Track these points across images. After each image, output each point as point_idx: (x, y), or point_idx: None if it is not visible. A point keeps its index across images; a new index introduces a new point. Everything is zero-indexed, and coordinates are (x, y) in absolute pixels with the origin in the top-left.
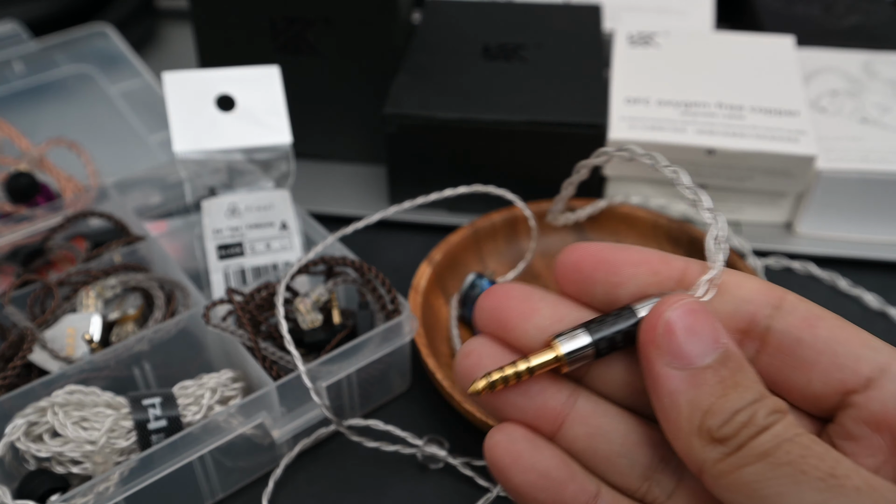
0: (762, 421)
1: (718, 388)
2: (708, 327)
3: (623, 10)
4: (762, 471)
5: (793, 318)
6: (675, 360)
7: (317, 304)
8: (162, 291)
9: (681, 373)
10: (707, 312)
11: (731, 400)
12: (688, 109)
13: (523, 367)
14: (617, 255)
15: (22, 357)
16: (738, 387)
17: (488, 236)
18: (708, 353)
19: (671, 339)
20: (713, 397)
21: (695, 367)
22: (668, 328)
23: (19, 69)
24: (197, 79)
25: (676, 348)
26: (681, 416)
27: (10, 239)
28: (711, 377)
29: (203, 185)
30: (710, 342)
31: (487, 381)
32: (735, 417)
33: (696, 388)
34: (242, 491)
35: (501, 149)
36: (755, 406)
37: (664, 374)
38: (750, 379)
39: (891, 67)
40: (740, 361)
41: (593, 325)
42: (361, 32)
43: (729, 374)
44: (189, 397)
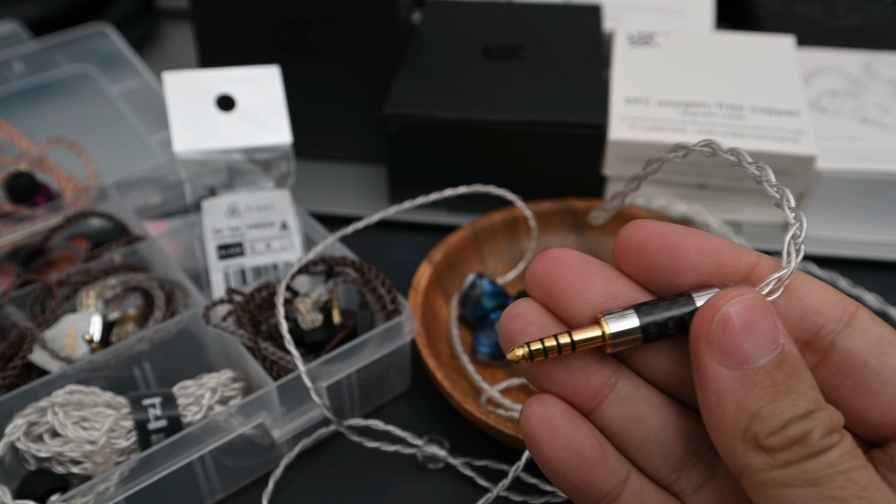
0: (817, 442)
1: (770, 392)
2: (766, 326)
3: (623, 10)
4: (809, 497)
5: (862, 340)
6: (726, 358)
7: (317, 304)
8: (162, 291)
9: (731, 372)
10: (768, 310)
11: (783, 407)
12: (688, 109)
13: (566, 342)
14: (685, 240)
15: (22, 357)
16: (791, 393)
17: (488, 236)
18: (763, 353)
19: (725, 335)
20: (763, 401)
21: (747, 368)
22: (724, 324)
23: (19, 69)
24: (197, 79)
25: (730, 346)
26: (726, 416)
27: (10, 239)
28: (764, 380)
29: (203, 185)
30: (768, 342)
31: (526, 350)
32: (786, 429)
33: (745, 389)
34: (242, 491)
35: (501, 149)
36: (810, 420)
37: (713, 371)
38: (806, 386)
39: (891, 67)
40: (797, 366)
41: (645, 309)
42: (361, 32)
43: (783, 378)
44: (189, 397)
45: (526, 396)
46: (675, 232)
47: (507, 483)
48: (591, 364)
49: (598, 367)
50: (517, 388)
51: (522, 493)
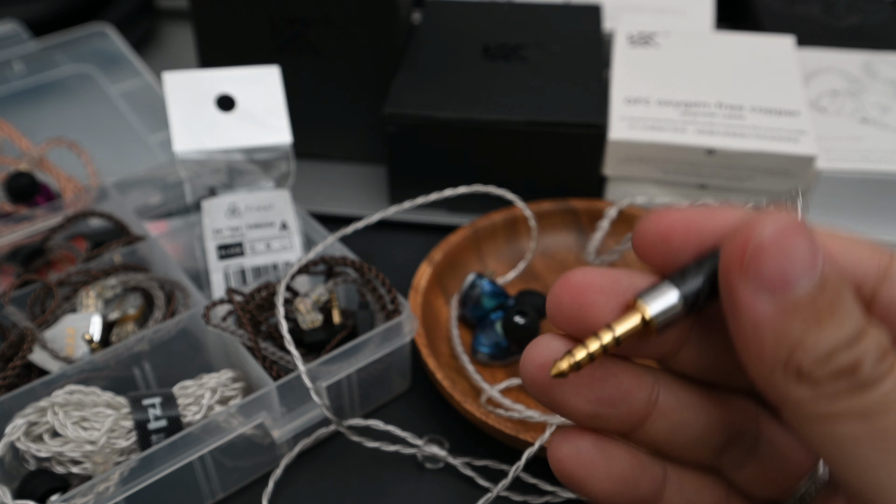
0: (870, 371)
1: (813, 318)
2: (804, 248)
3: (623, 10)
4: (861, 433)
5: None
6: (763, 286)
7: (317, 304)
8: (162, 291)
9: (769, 301)
10: (804, 230)
11: (828, 333)
12: (688, 109)
13: (609, 339)
14: (710, 220)
15: (22, 357)
16: (835, 316)
17: (488, 236)
18: (803, 277)
19: (761, 261)
20: (806, 328)
21: (786, 295)
22: (758, 249)
23: (19, 69)
24: (197, 79)
25: (766, 272)
26: (765, 348)
27: (10, 239)
28: (805, 306)
29: (203, 185)
30: (807, 265)
31: (571, 360)
32: (833, 358)
33: (785, 318)
34: (242, 491)
35: (501, 149)
36: (858, 346)
37: (749, 302)
38: (850, 307)
39: (891, 67)
40: (840, 287)
41: (678, 277)
42: (361, 32)
43: (826, 301)
44: (189, 397)
45: (526, 397)
46: (697, 214)
47: (507, 483)
48: (632, 386)
49: (638, 385)
50: (517, 388)
51: (522, 493)
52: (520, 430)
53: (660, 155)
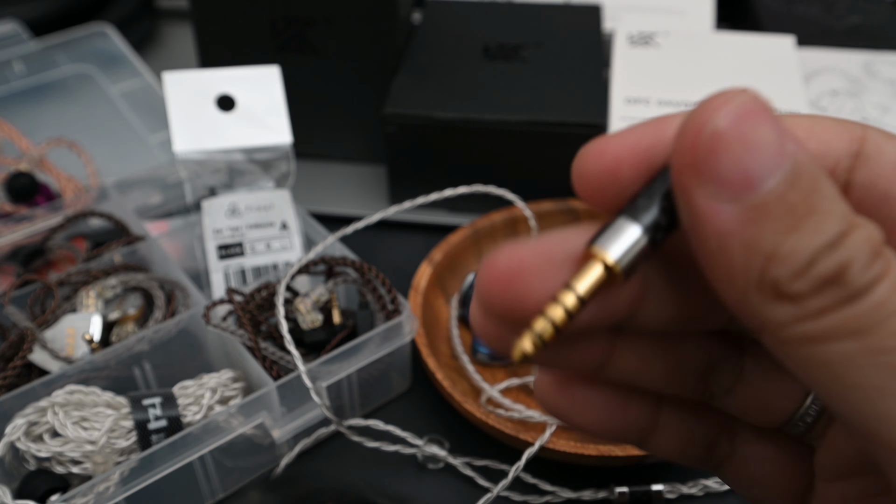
0: (859, 275)
1: (786, 220)
2: (769, 133)
3: (623, 10)
4: (855, 352)
5: (878, 167)
6: (723, 188)
7: (317, 304)
8: (162, 291)
9: (733, 206)
10: (767, 113)
11: (806, 236)
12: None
13: (572, 301)
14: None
15: (22, 357)
16: (814, 214)
17: (488, 236)
18: (771, 171)
19: (717, 156)
20: (779, 234)
21: (752, 196)
22: (714, 142)
23: (19, 69)
24: (197, 79)
25: (725, 169)
26: (734, 264)
27: (10, 239)
28: (777, 206)
29: (203, 185)
30: (774, 155)
31: (533, 335)
32: (815, 266)
33: (754, 224)
34: (242, 491)
35: (501, 149)
36: (844, 247)
37: (709, 209)
38: (831, 200)
39: (891, 67)
40: (816, 178)
41: (629, 209)
42: (361, 32)
43: (801, 197)
44: (189, 397)
45: (526, 397)
46: (644, 133)
47: (507, 483)
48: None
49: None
50: (517, 388)
51: (522, 493)
52: (520, 430)
53: None
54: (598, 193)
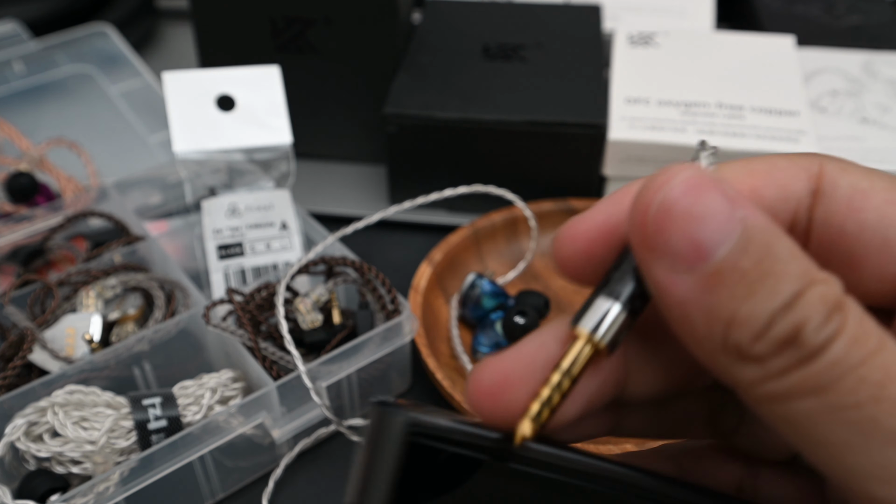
0: (813, 335)
1: (741, 286)
2: (715, 203)
3: (623, 10)
4: (816, 410)
5: (833, 203)
6: (677, 260)
7: (317, 304)
8: (162, 291)
9: (689, 276)
10: (711, 182)
11: (761, 299)
12: (688, 109)
13: (564, 380)
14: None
15: (22, 357)
16: (768, 278)
17: (488, 236)
18: (721, 240)
19: (667, 232)
20: (736, 300)
21: (706, 266)
22: (661, 217)
23: (19, 69)
24: (197, 79)
25: (676, 244)
26: (697, 331)
27: (10, 239)
28: (730, 273)
29: (203, 185)
30: (723, 224)
31: (530, 417)
32: (772, 329)
33: (711, 292)
34: (242, 491)
35: (501, 149)
36: (799, 307)
37: (667, 281)
38: (785, 261)
39: (891, 67)
40: (769, 239)
41: (602, 286)
42: (361, 32)
43: (754, 261)
44: (189, 397)
45: None
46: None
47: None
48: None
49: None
50: None
51: None
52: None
53: (660, 155)
54: (579, 274)
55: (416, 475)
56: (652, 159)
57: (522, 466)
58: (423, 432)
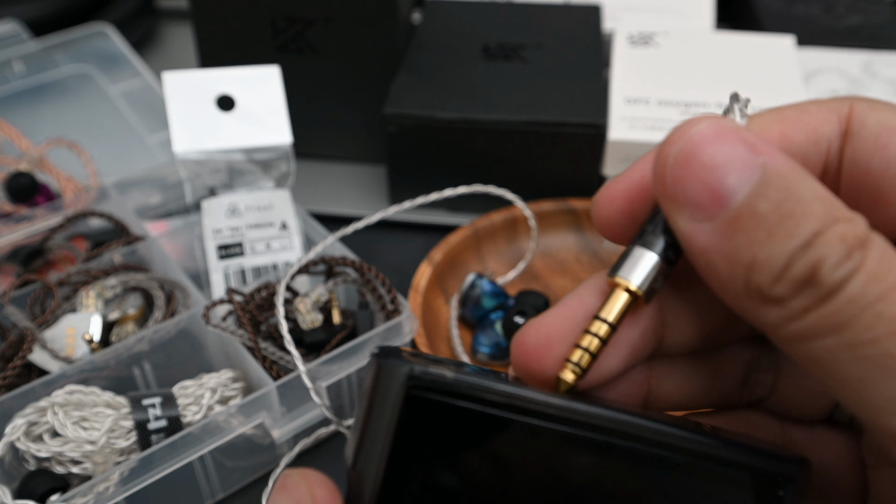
0: (830, 276)
1: (760, 229)
2: (732, 150)
3: (623, 10)
4: (837, 347)
5: (860, 142)
6: (697, 210)
7: (317, 304)
8: (162, 291)
9: (709, 225)
10: (728, 130)
11: (779, 241)
12: (688, 109)
13: (604, 329)
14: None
15: (22, 357)
16: (788, 220)
17: (488, 236)
18: (738, 185)
19: (684, 182)
20: (755, 244)
21: (725, 212)
22: (679, 168)
23: (19, 69)
24: (197, 79)
25: (694, 194)
26: (722, 277)
27: (10, 239)
28: (749, 218)
29: (203, 185)
30: (741, 169)
31: (572, 367)
32: (790, 269)
33: (731, 238)
34: (242, 491)
35: (501, 149)
36: (816, 247)
37: (689, 230)
38: (806, 202)
39: (891, 67)
40: (789, 180)
41: (638, 239)
42: (361, 32)
43: (773, 205)
44: (189, 397)
45: None
46: (643, 170)
47: None
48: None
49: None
50: None
51: None
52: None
53: None
54: (619, 233)
55: (417, 430)
56: None
57: (539, 421)
58: (425, 385)
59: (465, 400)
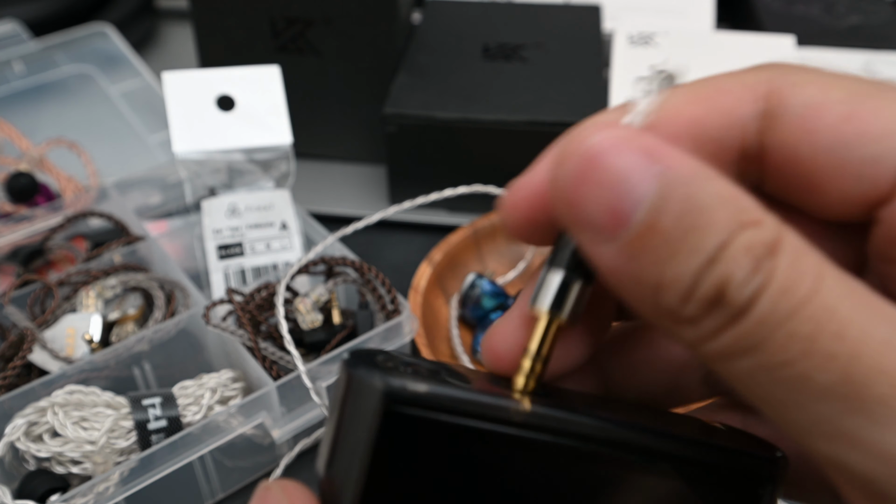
0: (738, 293)
1: (664, 248)
2: (628, 161)
3: (623, 10)
4: (752, 370)
5: (786, 125)
6: (597, 231)
7: (317, 304)
8: (162, 291)
9: (611, 246)
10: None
11: (684, 259)
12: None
13: (531, 363)
14: None
15: (22, 357)
16: (691, 233)
17: (488, 236)
18: (637, 202)
19: (581, 206)
20: (660, 264)
21: (625, 232)
22: (573, 191)
23: (19, 69)
24: (197, 79)
25: (592, 215)
26: (633, 297)
27: (10, 239)
28: (650, 236)
29: (203, 185)
30: (637, 184)
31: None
32: (698, 288)
33: (635, 259)
34: (242, 491)
35: (501, 149)
36: (721, 262)
37: (593, 252)
38: (712, 208)
39: (891, 67)
40: (689, 185)
41: (550, 259)
42: (361, 32)
43: (674, 218)
44: (189, 397)
45: None
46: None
47: None
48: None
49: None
50: None
51: None
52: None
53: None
54: (531, 239)
55: (395, 445)
56: None
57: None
58: (403, 400)
59: (445, 413)
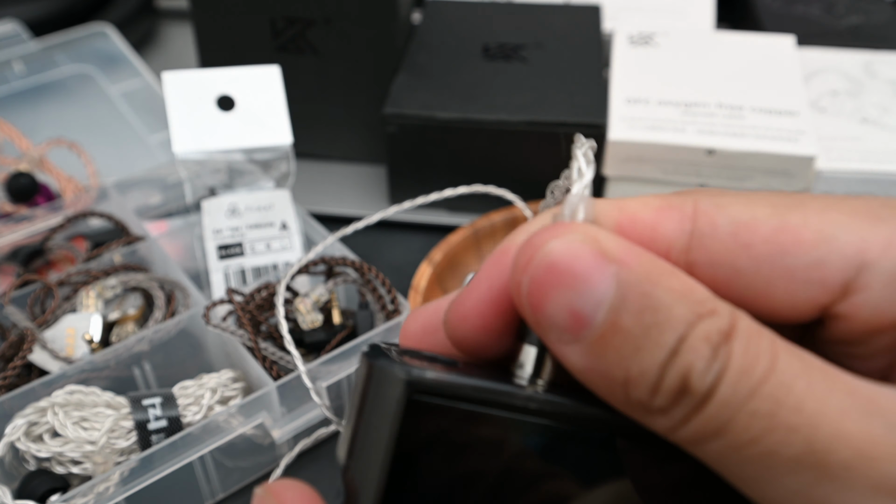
0: (701, 381)
1: (627, 345)
2: (584, 265)
3: (623, 10)
4: (723, 452)
5: (717, 243)
6: (562, 332)
7: (317, 304)
8: (162, 291)
9: (577, 346)
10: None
11: (648, 355)
12: (688, 109)
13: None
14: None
15: (22, 357)
16: (651, 329)
17: (488, 236)
18: (597, 303)
19: (543, 310)
20: (625, 360)
21: (589, 332)
22: (534, 297)
23: (19, 69)
24: (197, 79)
25: (554, 318)
26: (604, 393)
27: (10, 239)
28: (613, 335)
29: (203, 185)
30: (595, 285)
31: None
32: (664, 381)
33: (601, 357)
34: (242, 491)
35: (501, 149)
36: (682, 354)
37: (559, 351)
38: (669, 304)
39: (891, 67)
40: (644, 283)
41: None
42: (361, 32)
43: (634, 316)
44: (189, 397)
45: None
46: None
47: None
48: None
49: None
50: None
51: None
52: None
53: (660, 155)
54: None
55: (417, 434)
56: (652, 159)
57: (536, 419)
58: (424, 389)
59: (464, 401)
